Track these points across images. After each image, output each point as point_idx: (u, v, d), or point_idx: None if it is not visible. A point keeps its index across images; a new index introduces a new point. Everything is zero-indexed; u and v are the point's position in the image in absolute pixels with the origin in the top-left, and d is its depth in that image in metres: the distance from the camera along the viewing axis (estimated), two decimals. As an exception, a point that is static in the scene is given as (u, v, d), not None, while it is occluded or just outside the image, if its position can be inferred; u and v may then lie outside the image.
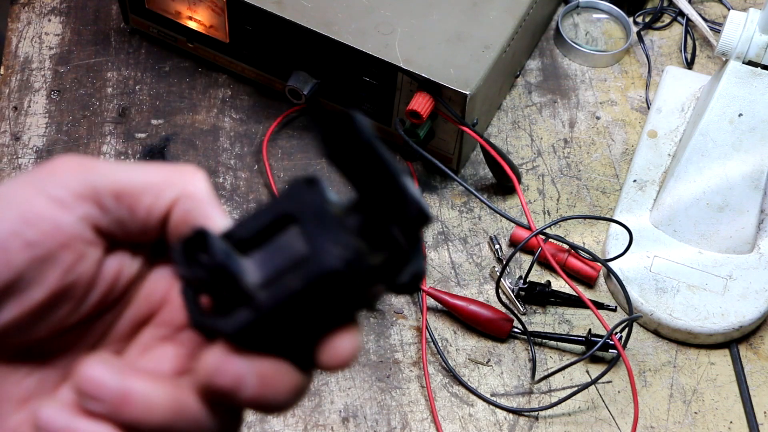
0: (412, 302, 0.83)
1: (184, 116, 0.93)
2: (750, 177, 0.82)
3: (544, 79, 0.98)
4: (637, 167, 0.90)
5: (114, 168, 0.36)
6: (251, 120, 0.93)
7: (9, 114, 0.92)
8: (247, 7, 0.86)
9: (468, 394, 0.79)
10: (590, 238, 0.87)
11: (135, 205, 0.35)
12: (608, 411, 0.78)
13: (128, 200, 0.35)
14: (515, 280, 0.83)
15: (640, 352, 0.81)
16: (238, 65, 0.94)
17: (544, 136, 0.94)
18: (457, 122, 0.82)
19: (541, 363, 0.80)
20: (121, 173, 0.36)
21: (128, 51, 0.98)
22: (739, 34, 0.82)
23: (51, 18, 1.00)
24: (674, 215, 0.84)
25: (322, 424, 0.76)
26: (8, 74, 0.95)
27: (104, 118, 0.93)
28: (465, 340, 0.81)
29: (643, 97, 0.97)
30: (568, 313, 0.83)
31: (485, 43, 0.84)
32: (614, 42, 1.02)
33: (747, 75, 0.83)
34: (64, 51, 0.97)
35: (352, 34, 0.83)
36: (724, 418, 0.78)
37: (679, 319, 0.80)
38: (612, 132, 0.94)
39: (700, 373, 0.81)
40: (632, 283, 0.82)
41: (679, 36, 1.03)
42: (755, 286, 0.82)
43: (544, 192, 0.90)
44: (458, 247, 0.86)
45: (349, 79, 0.87)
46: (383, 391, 0.78)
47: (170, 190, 0.36)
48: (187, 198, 0.36)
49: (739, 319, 0.80)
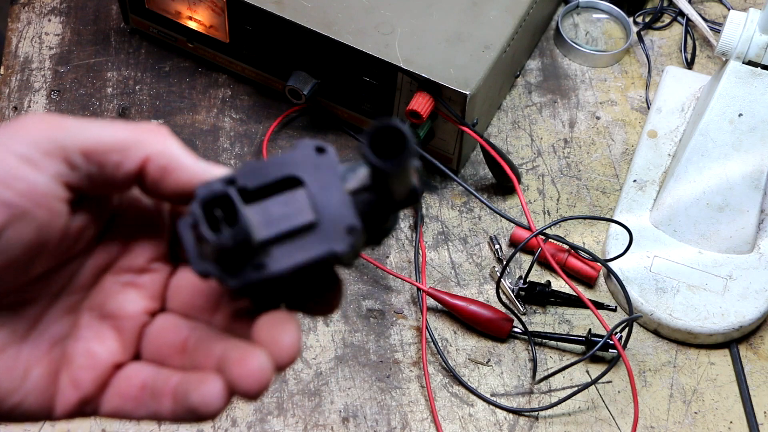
0: (412, 302, 0.83)
1: (184, 116, 0.93)
2: (750, 177, 0.82)
3: (544, 79, 0.98)
4: (637, 167, 0.90)
5: (81, 126, 0.37)
6: (251, 120, 0.93)
7: (9, 114, 0.92)
8: (247, 7, 0.86)
9: (468, 394, 0.79)
10: (590, 238, 0.87)
11: (103, 163, 0.37)
12: (608, 411, 0.78)
13: (96, 158, 0.37)
14: (515, 280, 0.83)
15: (640, 352, 0.81)
16: (238, 65, 0.94)
17: (544, 136, 0.94)
18: (457, 122, 0.82)
19: (541, 363, 0.80)
20: (89, 131, 0.37)
21: (128, 51, 0.98)
22: (739, 34, 0.82)
23: (51, 18, 1.00)
24: (674, 215, 0.84)
25: (322, 424, 0.76)
26: (8, 74, 0.95)
27: (104, 118, 0.93)
28: (465, 340, 0.81)
29: (643, 97, 0.97)
30: (568, 313, 0.83)
31: (485, 43, 0.84)
32: (614, 42, 1.02)
33: (747, 75, 0.83)
34: (64, 51, 0.97)
35: (352, 34, 0.83)
36: (724, 418, 0.78)
37: (679, 319, 0.80)
38: (612, 132, 0.94)
39: (700, 373, 0.81)
40: (632, 283, 0.82)
41: (679, 36, 1.03)
42: (755, 286, 0.82)
43: (544, 192, 0.90)
44: (458, 247, 0.86)
45: (349, 79, 0.87)
46: (383, 391, 0.78)
47: (138, 148, 0.37)
48: (160, 155, 0.37)
49: (739, 319, 0.80)
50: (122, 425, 0.75)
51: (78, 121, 0.37)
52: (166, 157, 0.38)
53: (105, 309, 0.40)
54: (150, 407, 0.39)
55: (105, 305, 0.40)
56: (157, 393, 0.39)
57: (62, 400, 0.39)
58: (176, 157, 0.38)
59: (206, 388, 0.36)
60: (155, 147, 0.37)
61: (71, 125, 0.37)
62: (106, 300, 0.40)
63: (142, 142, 0.37)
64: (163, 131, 0.38)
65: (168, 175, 0.37)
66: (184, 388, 0.37)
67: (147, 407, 0.39)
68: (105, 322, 0.40)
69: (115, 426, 0.75)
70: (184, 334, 0.40)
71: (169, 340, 0.40)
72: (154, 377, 0.39)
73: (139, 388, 0.39)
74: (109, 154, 0.37)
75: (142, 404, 0.39)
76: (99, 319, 0.40)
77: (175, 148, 0.38)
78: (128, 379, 0.40)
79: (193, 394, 0.36)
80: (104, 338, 0.40)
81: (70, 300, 0.40)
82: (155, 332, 0.41)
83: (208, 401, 0.36)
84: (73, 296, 0.40)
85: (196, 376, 0.37)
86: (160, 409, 0.38)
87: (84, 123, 0.37)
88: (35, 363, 0.38)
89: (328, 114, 0.93)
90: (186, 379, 0.38)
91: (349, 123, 0.92)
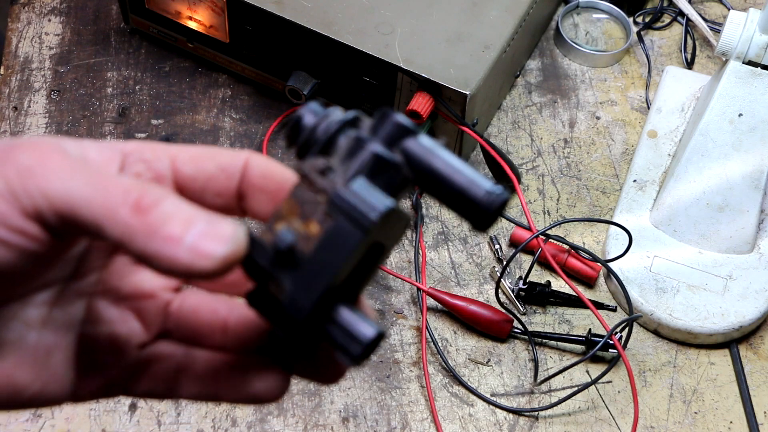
0: (412, 302, 0.83)
1: (184, 116, 0.93)
2: (750, 177, 0.82)
3: (544, 79, 0.98)
4: (637, 167, 0.90)
5: (64, 183, 0.33)
6: (251, 120, 0.93)
7: (9, 114, 0.92)
8: (247, 7, 0.86)
9: (468, 394, 0.79)
10: (590, 238, 0.87)
11: (79, 223, 0.33)
12: (608, 411, 0.78)
13: (71, 219, 0.33)
14: (515, 280, 0.83)
15: (640, 352, 0.81)
16: (238, 65, 0.94)
17: (544, 136, 0.94)
18: (457, 122, 0.82)
19: (542, 363, 0.80)
20: (70, 192, 0.33)
21: (128, 51, 0.98)
22: (739, 34, 0.82)
23: (51, 18, 1.00)
24: (674, 215, 0.84)
25: (322, 424, 0.76)
26: (8, 74, 0.95)
27: (104, 118, 0.93)
28: (465, 340, 0.81)
29: (643, 97, 0.97)
30: (568, 313, 0.83)
31: (485, 43, 0.84)
32: (614, 42, 1.02)
33: (747, 75, 0.83)
34: (64, 51, 0.97)
35: (352, 34, 0.83)
36: (724, 418, 0.78)
37: (679, 319, 0.80)
38: (612, 132, 0.94)
39: (700, 373, 0.81)
40: (632, 283, 0.82)
41: (679, 36, 1.03)
42: (755, 286, 0.82)
43: (544, 192, 0.90)
44: (458, 247, 0.86)
45: (349, 79, 0.87)
46: (383, 391, 0.78)
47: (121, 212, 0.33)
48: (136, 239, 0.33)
49: (739, 319, 0.80)
50: (122, 425, 0.75)
51: (63, 173, 0.33)
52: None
53: (121, 290, 0.39)
54: (195, 390, 0.38)
55: (120, 286, 0.39)
56: (203, 375, 0.38)
57: (85, 385, 0.38)
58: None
59: (269, 378, 0.37)
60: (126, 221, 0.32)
61: (55, 180, 0.33)
62: (120, 280, 0.39)
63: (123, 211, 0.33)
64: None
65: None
66: (244, 376, 0.37)
67: (191, 389, 0.39)
68: (123, 303, 0.39)
69: (115, 426, 0.75)
70: (222, 313, 0.39)
71: (207, 319, 0.39)
72: (192, 359, 0.39)
73: (174, 370, 0.39)
74: (84, 214, 0.33)
75: (181, 386, 0.39)
76: (115, 301, 0.39)
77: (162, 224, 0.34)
78: (160, 361, 0.39)
79: (256, 382, 0.37)
80: (125, 320, 0.39)
81: (81, 283, 0.38)
82: (187, 310, 0.40)
83: (271, 390, 0.37)
84: (84, 279, 0.38)
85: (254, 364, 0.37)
86: (216, 392, 0.38)
87: (70, 175, 0.33)
88: (54, 349, 0.37)
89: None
90: (244, 364, 0.38)
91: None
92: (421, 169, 0.34)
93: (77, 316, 0.38)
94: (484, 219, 0.34)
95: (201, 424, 0.76)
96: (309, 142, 0.35)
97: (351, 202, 0.32)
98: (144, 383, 0.39)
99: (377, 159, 0.33)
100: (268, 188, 0.37)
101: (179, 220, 0.32)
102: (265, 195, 0.37)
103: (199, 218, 0.32)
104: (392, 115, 0.34)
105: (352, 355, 0.34)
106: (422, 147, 0.34)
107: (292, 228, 0.33)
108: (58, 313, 0.37)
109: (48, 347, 0.37)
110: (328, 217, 0.33)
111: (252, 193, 0.37)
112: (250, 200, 0.38)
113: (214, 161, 0.37)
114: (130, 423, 0.76)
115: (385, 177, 0.33)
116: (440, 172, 0.34)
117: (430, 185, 0.34)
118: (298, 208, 0.33)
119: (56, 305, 0.37)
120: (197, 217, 0.32)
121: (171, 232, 0.32)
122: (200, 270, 0.31)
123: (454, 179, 0.34)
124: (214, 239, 0.32)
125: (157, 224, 0.31)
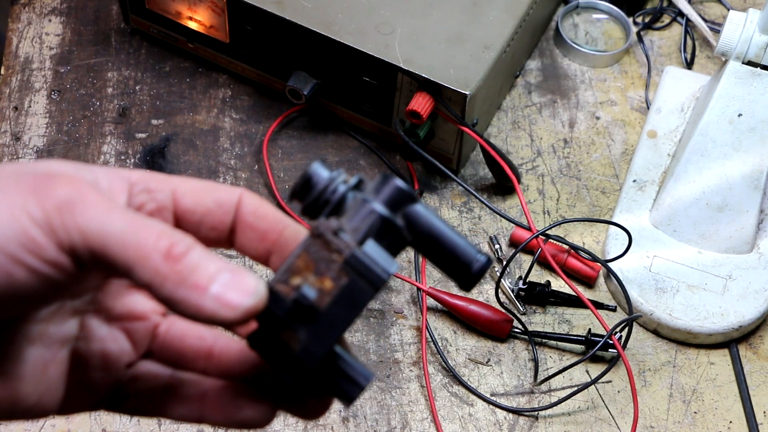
0: (412, 302, 0.83)
1: (185, 116, 0.93)
2: (750, 177, 0.83)
3: (544, 79, 0.98)
4: (636, 167, 0.90)
5: (98, 218, 0.34)
6: (251, 120, 0.93)
7: (9, 114, 0.92)
8: (247, 7, 0.86)
9: (468, 394, 0.79)
10: (590, 238, 0.87)
11: (110, 262, 0.34)
12: (608, 411, 0.78)
13: (102, 257, 0.34)
14: (515, 280, 0.84)
15: (639, 352, 0.81)
16: (238, 65, 0.94)
17: (544, 136, 0.94)
18: (457, 122, 0.82)
19: (541, 363, 0.80)
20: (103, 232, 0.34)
21: (128, 51, 0.98)
22: (739, 34, 0.82)
23: (51, 18, 1.00)
24: (674, 215, 0.84)
25: (322, 424, 0.76)
26: (8, 74, 0.95)
27: (104, 118, 0.93)
28: (465, 340, 0.81)
29: (643, 97, 0.97)
30: (568, 313, 0.83)
31: (485, 43, 0.84)
32: (614, 42, 1.02)
33: (747, 75, 0.83)
34: (64, 51, 0.97)
35: (352, 34, 0.83)
36: (724, 417, 0.78)
37: (678, 319, 0.80)
38: (612, 132, 0.95)
39: (700, 372, 0.81)
40: (632, 283, 0.82)
41: (679, 36, 1.03)
42: (755, 286, 0.82)
43: (544, 192, 0.90)
44: (458, 247, 0.86)
45: (349, 79, 0.87)
46: (383, 390, 0.78)
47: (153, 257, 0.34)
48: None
49: (739, 319, 0.81)
50: (122, 425, 0.75)
51: (98, 216, 0.34)
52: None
53: (114, 310, 0.41)
54: (182, 411, 0.40)
55: (113, 306, 0.41)
56: (190, 398, 0.39)
57: (74, 398, 0.39)
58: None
59: (258, 407, 0.39)
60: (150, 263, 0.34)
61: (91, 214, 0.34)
62: (114, 300, 0.41)
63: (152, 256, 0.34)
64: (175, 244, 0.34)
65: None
66: (233, 402, 0.39)
67: (178, 410, 0.40)
68: (114, 323, 0.40)
69: (115, 426, 0.75)
70: (208, 340, 0.41)
71: (192, 344, 0.41)
72: (179, 381, 0.40)
73: (161, 391, 0.40)
74: (119, 254, 0.34)
75: (167, 406, 0.40)
76: (107, 320, 0.40)
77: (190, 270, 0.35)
78: (146, 380, 0.40)
79: (245, 409, 0.38)
80: (115, 339, 0.40)
81: (77, 302, 0.39)
82: (174, 334, 0.41)
83: (260, 418, 0.39)
84: (80, 298, 0.40)
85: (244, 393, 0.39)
86: (203, 414, 0.40)
87: (103, 219, 0.34)
88: (50, 363, 0.38)
89: (328, 114, 0.93)
90: (232, 391, 0.39)
91: (349, 123, 0.92)
92: (421, 233, 0.38)
93: (71, 332, 0.39)
94: (470, 280, 0.39)
95: (200, 425, 0.76)
96: (319, 201, 0.38)
97: (365, 263, 0.36)
98: (131, 401, 0.40)
99: (384, 222, 0.37)
100: (258, 227, 0.39)
101: (207, 270, 0.34)
102: (254, 233, 0.39)
103: (225, 270, 0.34)
104: (394, 181, 0.38)
105: (350, 397, 0.37)
106: (425, 214, 0.38)
107: (308, 283, 0.36)
108: (54, 329, 0.38)
109: (45, 361, 0.38)
110: (342, 275, 0.36)
111: (242, 230, 0.39)
112: (239, 236, 0.39)
113: (212, 196, 0.39)
114: (131, 423, 0.76)
115: (389, 239, 0.37)
116: (439, 238, 0.38)
117: (425, 247, 0.39)
118: (313, 265, 0.36)
119: (52, 321, 0.38)
120: (223, 268, 0.34)
121: (199, 281, 0.33)
122: (223, 319, 0.33)
123: (450, 245, 0.38)
124: (239, 291, 0.34)
125: (186, 272, 0.33)
